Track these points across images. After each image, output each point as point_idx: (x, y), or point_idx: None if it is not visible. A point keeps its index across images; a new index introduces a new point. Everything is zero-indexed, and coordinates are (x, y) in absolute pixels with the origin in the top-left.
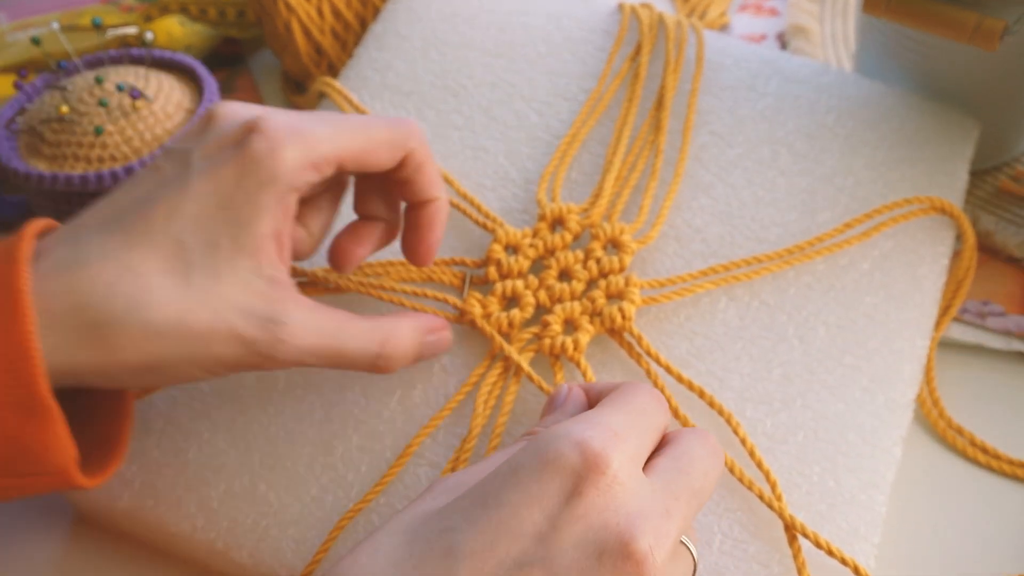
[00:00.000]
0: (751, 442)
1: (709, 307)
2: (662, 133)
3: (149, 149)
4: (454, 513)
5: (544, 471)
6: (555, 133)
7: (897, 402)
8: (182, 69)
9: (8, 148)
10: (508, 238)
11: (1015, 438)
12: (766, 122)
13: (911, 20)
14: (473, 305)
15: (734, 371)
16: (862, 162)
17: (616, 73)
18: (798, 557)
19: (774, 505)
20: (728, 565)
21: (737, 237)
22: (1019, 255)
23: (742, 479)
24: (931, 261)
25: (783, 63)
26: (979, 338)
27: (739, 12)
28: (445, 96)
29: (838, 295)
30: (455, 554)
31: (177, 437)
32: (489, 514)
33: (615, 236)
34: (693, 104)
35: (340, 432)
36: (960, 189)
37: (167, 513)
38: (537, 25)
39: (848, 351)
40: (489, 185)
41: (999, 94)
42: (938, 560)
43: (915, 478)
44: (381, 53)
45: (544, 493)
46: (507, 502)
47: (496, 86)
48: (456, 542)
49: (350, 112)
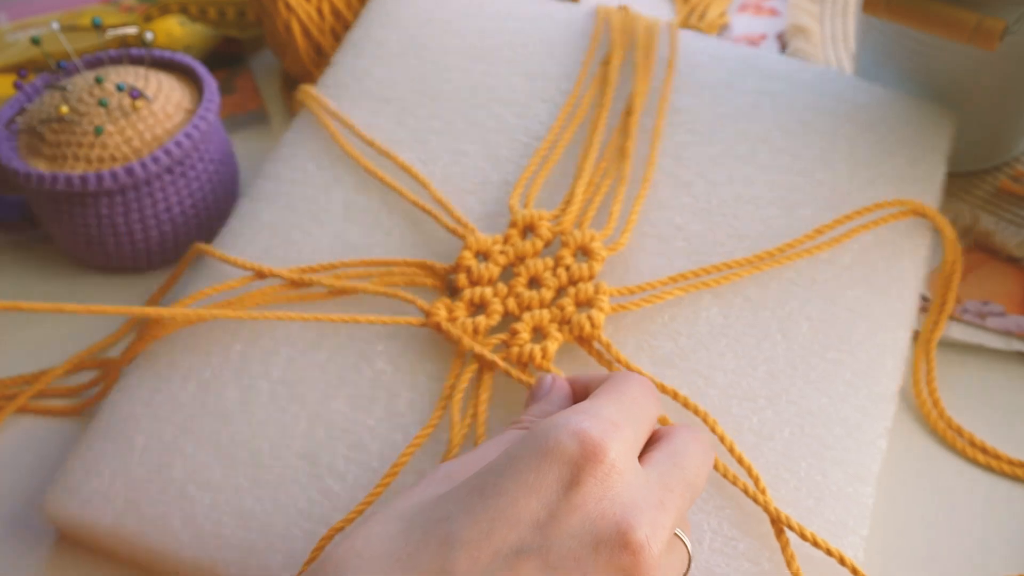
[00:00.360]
0: (730, 439)
1: (692, 305)
2: (630, 138)
3: (149, 149)
4: (451, 502)
5: (542, 461)
6: (534, 135)
7: (881, 395)
8: (182, 69)
9: (8, 148)
10: (479, 245)
11: (1015, 438)
12: (745, 119)
13: (911, 20)
14: (439, 309)
15: (719, 369)
16: (841, 157)
17: (592, 77)
18: (786, 551)
19: (759, 500)
20: (719, 562)
21: (718, 234)
22: (1019, 255)
23: (726, 475)
24: (911, 253)
25: (760, 60)
26: (979, 338)
27: (739, 12)
28: (424, 101)
29: (820, 290)
30: (452, 543)
31: (160, 453)
32: (486, 503)
33: (585, 243)
34: (663, 108)
35: (325, 443)
36: (938, 181)
37: (151, 530)
38: (515, 28)
39: (831, 346)
40: (469, 189)
41: (999, 94)
42: (939, 561)
43: (914, 478)
44: (359, 60)
45: (542, 482)
46: (504, 491)
47: (475, 90)
48: (453, 531)
49: (329, 121)
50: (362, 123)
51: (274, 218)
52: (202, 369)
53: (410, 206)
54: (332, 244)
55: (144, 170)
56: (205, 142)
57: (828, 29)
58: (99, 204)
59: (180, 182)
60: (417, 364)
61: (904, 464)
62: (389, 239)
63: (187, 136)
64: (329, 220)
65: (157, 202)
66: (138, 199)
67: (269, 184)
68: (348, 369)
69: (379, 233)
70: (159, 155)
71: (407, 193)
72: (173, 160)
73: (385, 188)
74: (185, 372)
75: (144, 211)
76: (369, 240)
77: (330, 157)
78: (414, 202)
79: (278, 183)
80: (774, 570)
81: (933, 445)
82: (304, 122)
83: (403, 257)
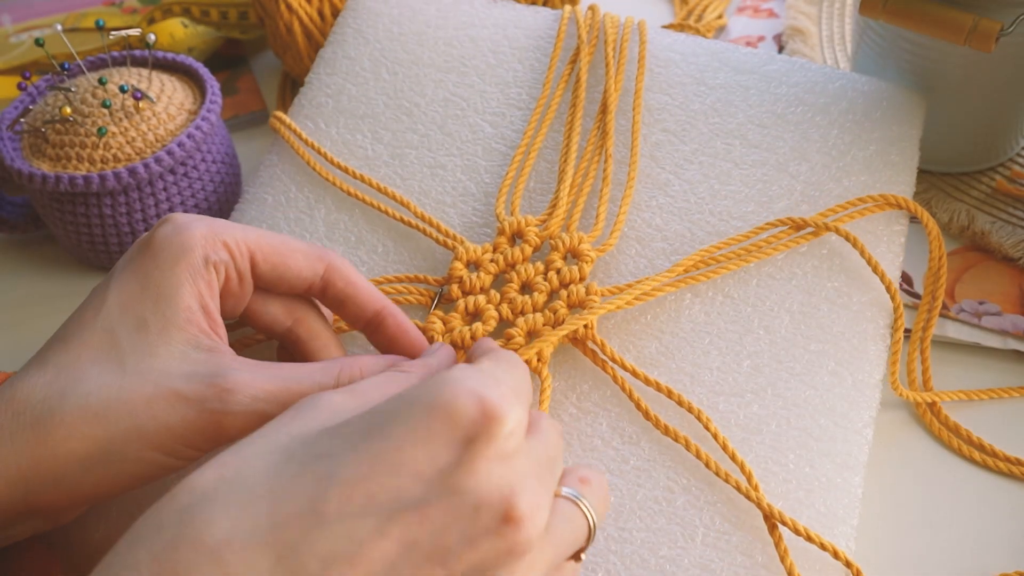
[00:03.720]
0: (723, 436)
1: (674, 305)
2: (609, 138)
3: (152, 150)
4: (335, 438)
5: (437, 414)
6: (510, 144)
7: (865, 383)
8: (184, 70)
9: (12, 149)
10: (469, 255)
11: (1011, 436)
12: (717, 115)
13: (907, 22)
14: (434, 323)
15: (704, 366)
16: (814, 147)
17: (560, 78)
18: (780, 545)
19: (751, 495)
20: (713, 557)
21: (697, 232)
22: (1015, 255)
23: (718, 472)
24: (887, 240)
25: (730, 54)
26: (975, 337)
27: (737, 14)
28: (399, 116)
29: (799, 283)
30: (329, 480)
31: None
32: (371, 445)
33: (574, 246)
34: (638, 106)
35: None
36: (911, 168)
37: None
38: (484, 37)
39: (813, 337)
40: (449, 202)
41: (995, 95)
42: (937, 558)
43: (911, 476)
44: (332, 77)
45: (432, 436)
46: (392, 436)
47: (449, 101)
48: (331, 469)
49: (303, 150)
50: (340, 140)
51: None
52: None
53: (393, 221)
54: None
55: (147, 171)
56: (207, 143)
57: (825, 31)
58: (102, 204)
59: (183, 183)
60: None
61: (900, 462)
62: (373, 255)
63: (189, 137)
64: (313, 240)
65: (160, 202)
66: (141, 199)
67: (252, 209)
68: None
69: (363, 250)
70: (162, 156)
71: (390, 211)
72: (176, 161)
73: (367, 205)
74: None
75: (147, 211)
76: (354, 258)
77: (310, 178)
78: (399, 219)
79: (261, 207)
80: (768, 563)
81: (929, 443)
82: (282, 144)
83: (391, 272)
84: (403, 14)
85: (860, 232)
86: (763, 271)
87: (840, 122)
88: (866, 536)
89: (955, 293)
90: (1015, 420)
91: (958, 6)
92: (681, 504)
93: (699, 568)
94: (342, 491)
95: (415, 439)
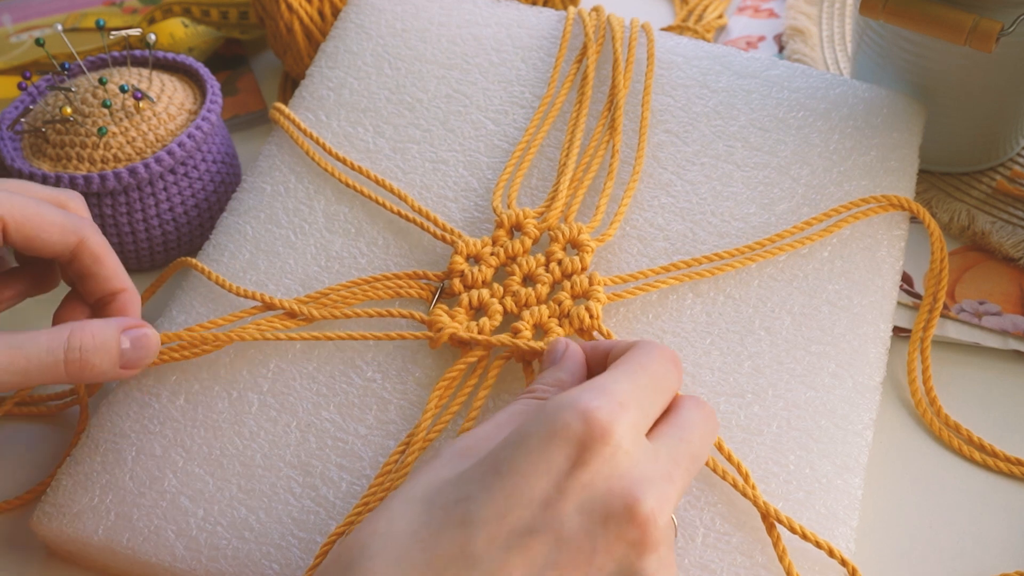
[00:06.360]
0: (719, 436)
1: (676, 304)
2: (617, 133)
3: (152, 150)
4: (469, 482)
5: (551, 440)
6: (512, 140)
7: (865, 385)
8: (185, 70)
9: (12, 149)
10: (469, 249)
11: (1011, 436)
12: (720, 118)
13: (907, 22)
14: (440, 316)
15: (705, 366)
16: (815, 152)
17: (565, 76)
18: (778, 544)
19: (747, 493)
20: (713, 558)
21: (699, 233)
22: (1015, 255)
23: (715, 470)
24: (888, 244)
25: (732, 59)
26: (975, 337)
27: (737, 14)
28: (401, 111)
29: (801, 284)
30: (470, 523)
31: (151, 466)
32: (502, 482)
33: (573, 236)
34: (647, 102)
35: (317, 452)
36: (911, 174)
37: (145, 544)
38: (488, 35)
39: (814, 339)
40: (451, 197)
41: (995, 95)
42: (937, 558)
43: (911, 477)
44: (334, 71)
45: (550, 462)
46: (517, 470)
47: (451, 98)
48: (471, 511)
49: (303, 140)
50: (341, 134)
51: (257, 231)
52: (191, 383)
53: (392, 214)
54: (316, 255)
55: (147, 170)
56: (208, 143)
57: (825, 31)
58: (102, 204)
59: (183, 182)
60: (406, 371)
61: (900, 462)
62: (373, 248)
63: (190, 137)
64: (312, 231)
65: (160, 202)
66: (141, 199)
67: (251, 198)
68: (338, 378)
69: (362, 242)
70: (162, 156)
71: (389, 205)
72: (176, 161)
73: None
74: (174, 386)
75: (147, 211)
76: (353, 250)
77: (309, 169)
78: (398, 213)
79: (260, 196)
80: (768, 563)
81: (930, 443)
82: (282, 135)
83: (389, 265)
84: (406, 11)
85: (861, 235)
86: (765, 272)
87: (841, 127)
88: (866, 536)
89: (955, 293)
90: (1015, 420)
91: (958, 6)
92: (681, 504)
93: (699, 568)
94: (486, 531)
95: (537, 468)
